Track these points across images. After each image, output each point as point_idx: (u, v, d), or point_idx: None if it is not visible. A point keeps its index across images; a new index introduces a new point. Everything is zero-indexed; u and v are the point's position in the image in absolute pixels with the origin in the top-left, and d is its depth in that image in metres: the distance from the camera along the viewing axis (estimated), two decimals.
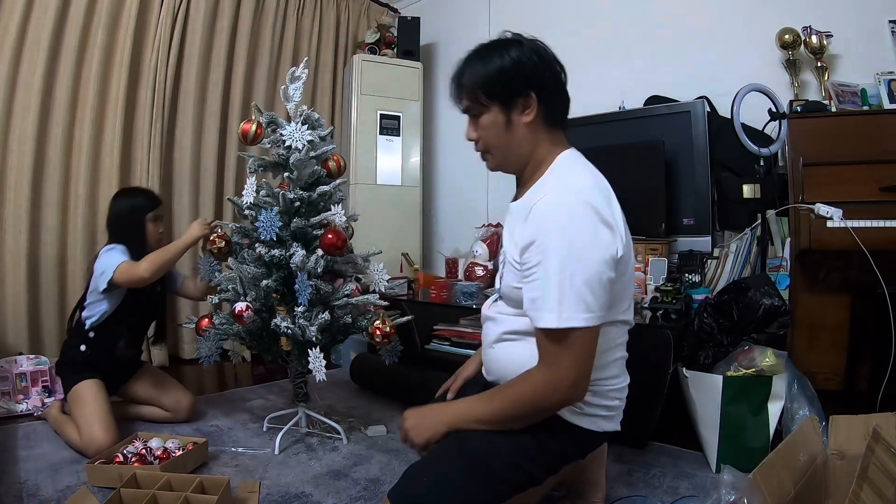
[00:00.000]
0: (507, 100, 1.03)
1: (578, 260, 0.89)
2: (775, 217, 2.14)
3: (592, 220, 0.92)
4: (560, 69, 1.07)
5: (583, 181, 1.00)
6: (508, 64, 1.01)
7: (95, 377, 1.77)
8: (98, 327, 1.81)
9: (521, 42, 1.04)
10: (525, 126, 1.04)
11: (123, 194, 1.98)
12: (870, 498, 0.86)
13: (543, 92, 1.03)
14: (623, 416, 1.10)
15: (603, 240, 0.92)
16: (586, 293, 0.88)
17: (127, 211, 1.88)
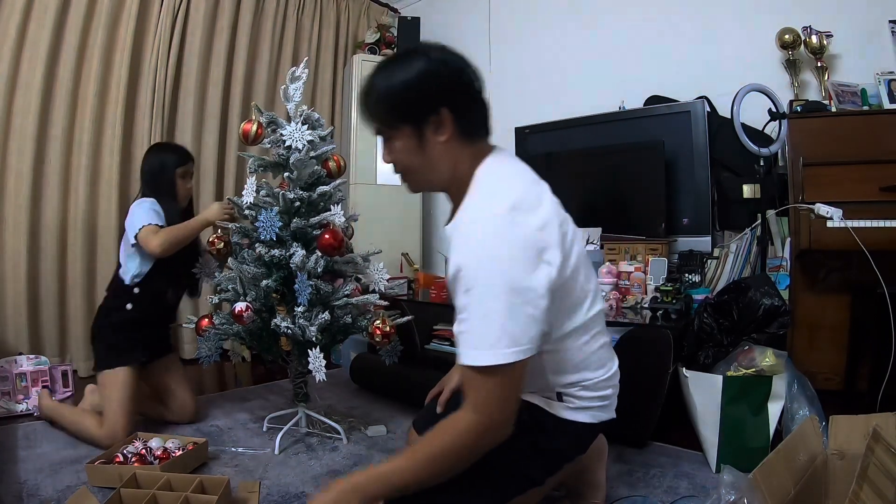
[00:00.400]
0: (417, 119, 0.93)
1: (503, 291, 0.81)
2: (775, 217, 2.14)
3: (517, 244, 0.83)
4: (473, 76, 0.96)
5: (506, 195, 0.89)
6: (413, 80, 0.92)
7: (135, 356, 1.78)
8: (142, 282, 1.82)
9: (427, 53, 0.94)
10: (441, 145, 0.94)
11: (155, 149, 2.00)
12: (870, 498, 0.86)
13: (456, 105, 0.93)
14: (623, 415, 1.10)
15: (529, 263, 0.83)
16: (512, 326, 0.81)
17: (158, 166, 1.89)
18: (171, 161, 1.90)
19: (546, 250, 0.85)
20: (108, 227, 2.60)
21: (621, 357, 1.76)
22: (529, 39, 3.21)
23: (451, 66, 0.94)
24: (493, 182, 0.93)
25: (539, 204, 0.91)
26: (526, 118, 2.94)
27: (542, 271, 0.84)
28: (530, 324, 0.83)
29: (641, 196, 2.43)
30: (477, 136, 0.98)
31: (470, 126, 0.96)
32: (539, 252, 0.84)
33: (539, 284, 0.83)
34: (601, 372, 1.03)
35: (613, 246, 2.39)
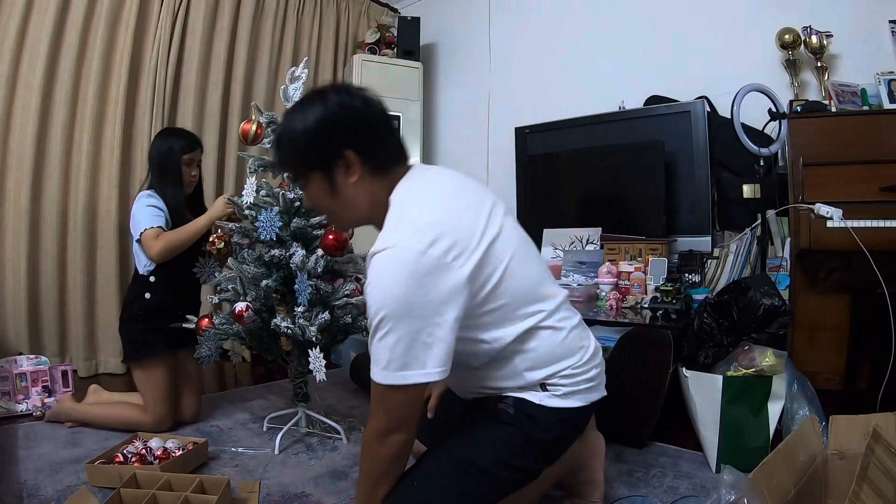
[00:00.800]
0: (324, 165, 0.96)
1: (397, 322, 0.84)
2: (775, 217, 2.14)
3: (414, 276, 0.84)
4: (375, 111, 0.98)
5: (409, 224, 0.90)
6: (314, 127, 0.94)
7: (158, 348, 1.80)
8: (156, 270, 1.83)
9: (325, 98, 0.96)
10: (353, 185, 0.96)
11: (164, 134, 1.98)
12: (870, 498, 0.87)
13: (360, 146, 0.95)
14: (623, 415, 1.10)
15: (427, 292, 0.85)
16: (402, 353, 0.85)
17: (165, 151, 1.88)
18: (178, 147, 1.88)
19: (450, 275, 0.86)
20: (108, 226, 2.60)
21: (621, 357, 1.76)
22: (529, 39, 3.21)
23: (349, 107, 0.95)
24: (400, 211, 0.94)
25: (444, 223, 0.90)
26: (526, 118, 2.94)
27: (442, 298, 0.86)
28: (424, 350, 0.86)
29: (641, 196, 2.43)
30: (389, 168, 0.98)
31: (379, 161, 0.97)
32: (440, 280, 0.85)
33: (438, 311, 0.86)
34: (577, 357, 1.03)
35: (613, 246, 2.40)
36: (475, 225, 0.93)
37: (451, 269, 0.86)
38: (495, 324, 0.95)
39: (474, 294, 0.90)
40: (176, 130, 2.02)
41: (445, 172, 1.07)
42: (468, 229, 0.92)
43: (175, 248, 1.79)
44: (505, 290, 0.94)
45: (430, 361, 0.86)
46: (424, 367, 0.86)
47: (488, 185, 3.29)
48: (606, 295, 2.11)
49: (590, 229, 2.50)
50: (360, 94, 0.98)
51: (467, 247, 0.89)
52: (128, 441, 1.60)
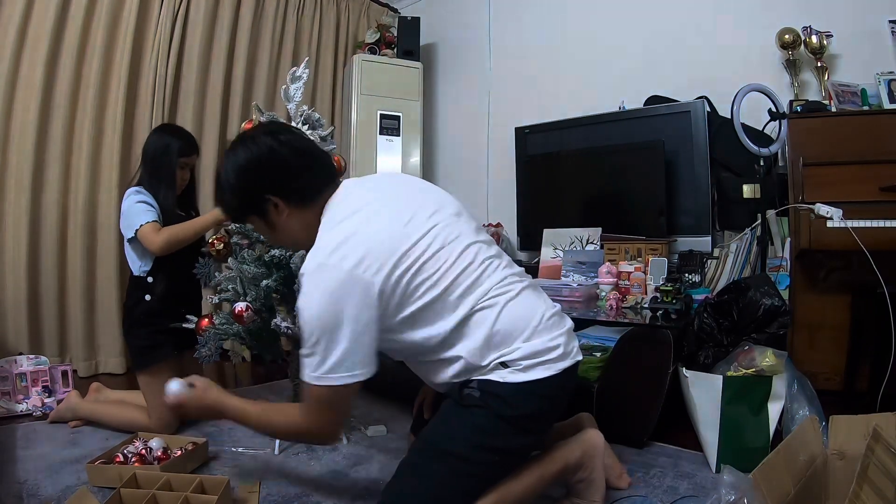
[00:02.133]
0: (254, 211, 1.09)
1: (320, 334, 0.96)
2: (775, 217, 2.14)
3: (328, 293, 0.96)
4: (289, 149, 1.08)
5: (325, 248, 1.00)
6: (234, 181, 1.07)
7: (165, 352, 1.79)
8: (153, 270, 1.81)
9: (239, 148, 1.08)
10: (285, 220, 1.09)
11: (162, 130, 1.92)
12: (870, 498, 0.87)
13: (281, 189, 1.06)
14: (623, 415, 1.10)
15: (340, 306, 0.95)
16: (329, 359, 0.96)
17: (161, 150, 1.83)
18: (176, 147, 1.84)
19: (362, 284, 0.96)
20: (108, 226, 2.60)
21: (621, 357, 1.76)
22: (529, 39, 3.21)
23: (260, 157, 1.05)
24: (323, 234, 1.04)
25: (356, 236, 1.00)
26: (526, 118, 2.94)
27: (357, 308, 0.96)
28: (345, 356, 0.96)
29: (641, 196, 2.43)
30: (314, 198, 1.09)
31: (302, 196, 1.08)
32: (353, 292, 0.96)
33: (356, 320, 0.96)
34: (529, 330, 1.05)
35: (613, 246, 2.40)
36: (394, 235, 1.01)
37: (362, 280, 0.96)
38: (427, 321, 1.02)
39: (392, 297, 0.99)
40: (174, 129, 1.96)
41: (376, 186, 1.16)
42: (385, 241, 1.00)
43: (178, 242, 1.76)
44: (430, 287, 1.01)
45: (354, 365, 0.98)
46: (351, 370, 0.98)
47: (489, 185, 3.32)
48: (606, 295, 2.11)
49: (590, 229, 2.50)
50: (268, 137, 1.07)
51: (385, 258, 0.98)
52: (128, 441, 1.60)
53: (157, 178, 1.83)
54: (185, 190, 1.94)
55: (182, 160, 1.86)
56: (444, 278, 1.02)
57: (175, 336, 1.81)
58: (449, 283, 1.02)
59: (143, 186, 1.83)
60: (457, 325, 1.02)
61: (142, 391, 1.81)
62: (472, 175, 3.40)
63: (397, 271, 0.99)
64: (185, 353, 1.85)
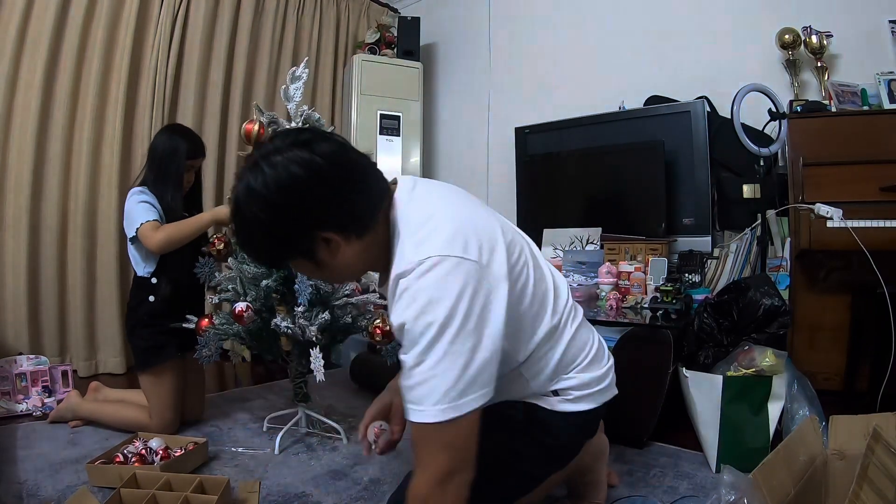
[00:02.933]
0: (298, 252, 0.83)
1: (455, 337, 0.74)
2: (775, 217, 2.14)
3: (463, 279, 0.76)
4: (336, 162, 0.81)
5: (432, 230, 0.80)
6: (264, 216, 0.78)
7: (168, 352, 1.79)
8: (157, 271, 1.81)
9: (260, 169, 0.78)
10: (340, 256, 0.83)
11: (171, 131, 1.90)
12: (870, 498, 0.86)
13: (335, 221, 0.80)
14: (623, 415, 1.10)
15: (477, 305, 0.76)
16: (462, 376, 0.75)
17: (169, 151, 1.82)
18: (184, 150, 1.83)
19: (490, 277, 0.79)
20: (108, 226, 2.60)
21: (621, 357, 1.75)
22: (529, 39, 3.21)
23: (299, 181, 0.77)
24: (414, 230, 0.82)
25: (465, 227, 0.82)
26: (526, 118, 2.94)
27: (489, 305, 0.78)
28: (482, 369, 0.76)
29: (641, 196, 2.42)
30: (375, 216, 0.84)
31: (361, 221, 0.82)
32: (483, 284, 0.77)
33: (487, 321, 0.77)
34: (586, 360, 0.99)
35: (613, 246, 2.39)
36: (488, 221, 0.87)
37: (489, 271, 0.79)
38: (518, 333, 0.88)
39: (513, 290, 0.83)
40: (184, 130, 1.94)
41: (433, 183, 0.97)
42: (486, 227, 0.85)
43: (176, 240, 1.75)
44: (528, 306, 0.88)
45: (489, 379, 0.77)
46: (484, 387, 0.77)
47: (489, 185, 3.32)
48: (606, 295, 2.11)
49: (590, 229, 2.50)
50: (305, 151, 0.79)
51: (494, 244, 0.83)
52: (128, 441, 1.60)
53: (164, 179, 1.82)
54: (189, 191, 1.94)
55: (189, 163, 1.86)
56: (540, 292, 0.90)
57: (178, 337, 1.80)
58: (540, 299, 0.91)
59: (148, 186, 1.82)
60: (541, 342, 0.91)
61: (144, 391, 1.81)
62: (472, 175, 3.40)
63: (522, 276, 0.86)
64: (188, 353, 1.84)
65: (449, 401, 0.73)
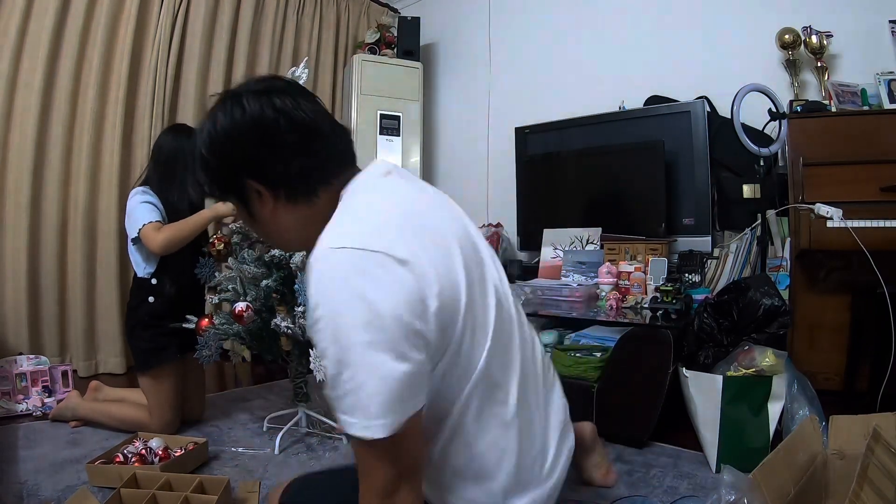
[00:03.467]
0: (230, 192, 0.79)
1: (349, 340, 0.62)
2: (775, 217, 2.14)
3: (365, 265, 0.63)
4: (289, 118, 0.74)
5: (357, 218, 0.71)
6: (205, 151, 0.76)
7: (168, 354, 1.79)
8: (157, 272, 1.81)
9: (216, 109, 0.76)
10: (271, 214, 0.77)
11: (176, 131, 1.89)
12: (870, 498, 0.87)
13: (265, 175, 0.74)
14: (623, 415, 1.08)
15: (390, 280, 0.63)
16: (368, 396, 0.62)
17: (174, 153, 1.82)
18: (189, 150, 1.83)
19: (417, 273, 0.65)
20: (108, 227, 2.60)
21: (621, 357, 1.75)
22: (529, 39, 3.21)
23: (240, 125, 0.74)
24: (348, 211, 0.73)
25: (422, 218, 0.73)
26: (526, 118, 2.94)
27: (411, 294, 0.64)
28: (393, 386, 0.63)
29: (641, 196, 2.43)
30: (314, 192, 0.76)
31: (293, 188, 0.75)
32: (409, 272, 0.64)
33: (411, 302, 0.64)
34: (545, 470, 0.78)
35: (613, 246, 2.40)
36: (447, 233, 0.74)
37: (418, 277, 0.65)
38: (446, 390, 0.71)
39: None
40: (189, 131, 1.92)
41: (413, 180, 0.84)
42: (443, 233, 0.73)
43: (178, 241, 1.75)
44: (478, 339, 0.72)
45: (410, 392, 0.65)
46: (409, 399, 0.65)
47: (489, 185, 3.32)
48: (606, 295, 2.11)
49: (590, 229, 2.50)
50: (262, 99, 0.74)
51: (436, 268, 0.67)
52: (128, 441, 1.60)
53: (170, 179, 1.82)
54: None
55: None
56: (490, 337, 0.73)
57: (178, 338, 1.80)
58: (493, 347, 0.73)
59: (150, 186, 1.82)
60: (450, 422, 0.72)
61: (143, 392, 1.81)
62: (472, 175, 3.40)
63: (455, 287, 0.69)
64: (188, 354, 1.84)
65: (370, 416, 0.62)
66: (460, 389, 0.71)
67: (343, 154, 0.80)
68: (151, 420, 1.75)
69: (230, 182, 0.77)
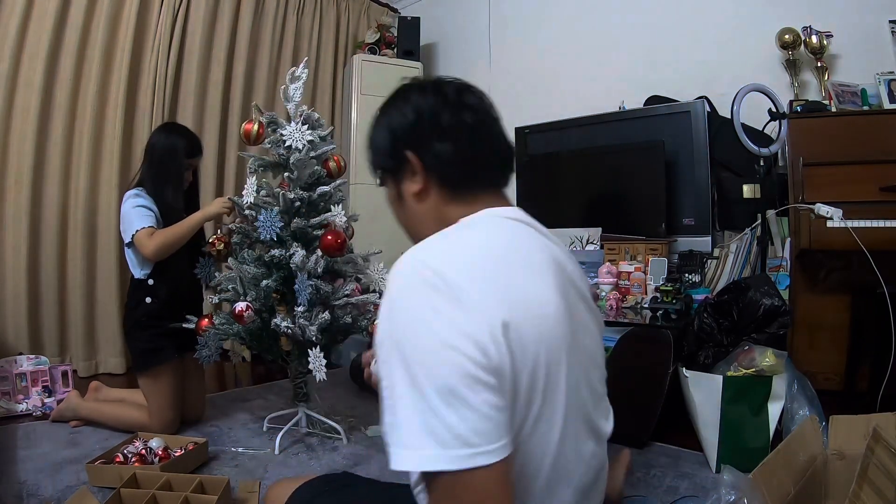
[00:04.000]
0: (390, 168, 0.78)
1: (415, 360, 0.54)
2: (775, 217, 2.14)
3: (428, 291, 0.56)
4: (444, 105, 0.74)
5: (446, 244, 0.65)
6: (386, 121, 0.78)
7: (166, 355, 1.79)
8: (153, 273, 1.81)
9: (407, 89, 0.78)
10: (414, 198, 0.75)
11: (168, 130, 1.90)
12: (870, 498, 0.87)
13: (427, 149, 0.73)
14: (623, 415, 1.08)
15: (445, 320, 0.54)
16: (432, 413, 0.52)
17: (168, 150, 1.82)
18: (183, 148, 1.83)
19: (474, 316, 0.55)
20: (107, 227, 2.60)
21: (621, 357, 1.75)
22: (529, 39, 3.21)
23: (425, 102, 0.75)
24: (454, 233, 0.69)
25: (510, 264, 0.63)
26: (526, 118, 2.94)
27: (465, 338, 0.54)
28: (459, 407, 0.52)
29: (642, 196, 2.43)
30: (467, 188, 0.74)
31: (454, 174, 0.73)
32: (464, 313, 0.55)
33: (466, 346, 0.54)
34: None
35: (613, 246, 2.40)
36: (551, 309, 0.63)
37: (476, 320, 0.56)
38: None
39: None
40: (181, 129, 1.94)
41: (535, 236, 0.74)
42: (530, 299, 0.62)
43: (170, 246, 1.75)
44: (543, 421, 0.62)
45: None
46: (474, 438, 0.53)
47: None
48: (606, 295, 2.11)
49: (590, 229, 2.50)
50: (452, 87, 0.76)
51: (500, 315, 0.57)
52: (128, 441, 1.60)
53: (164, 178, 1.82)
54: (187, 190, 1.94)
55: (188, 161, 1.85)
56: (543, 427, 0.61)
57: (176, 338, 1.80)
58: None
59: (145, 187, 1.81)
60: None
61: (142, 392, 1.81)
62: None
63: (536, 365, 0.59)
64: (187, 354, 1.84)
65: (409, 447, 0.53)
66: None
67: (499, 172, 0.78)
68: (151, 420, 1.75)
69: (393, 152, 0.76)
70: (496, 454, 0.52)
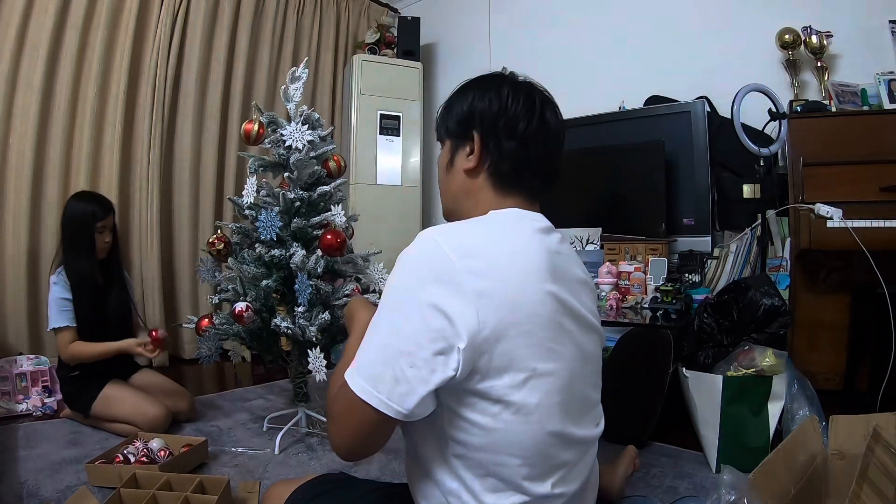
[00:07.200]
0: (454, 136, 0.85)
1: (391, 312, 0.68)
2: (775, 217, 2.14)
3: (422, 265, 0.67)
4: (527, 113, 0.80)
5: (464, 227, 0.74)
6: (471, 97, 0.84)
7: (96, 385, 1.83)
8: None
9: (502, 81, 0.84)
10: (465, 173, 0.82)
11: (77, 198, 1.95)
12: (870, 498, 0.87)
13: (491, 134, 0.80)
14: (623, 415, 1.08)
15: (425, 296, 0.65)
16: (379, 362, 0.66)
17: (78, 221, 1.87)
18: (91, 216, 1.86)
19: (459, 299, 0.64)
20: None
21: (621, 357, 1.76)
22: (529, 39, 3.21)
23: (505, 94, 0.81)
24: (478, 221, 0.77)
25: (511, 257, 0.70)
26: None
27: (437, 318, 0.64)
28: (406, 370, 0.65)
29: (641, 196, 2.43)
30: (513, 184, 0.81)
31: (503, 165, 0.80)
32: (450, 293, 0.65)
33: (432, 327, 0.64)
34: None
35: (613, 246, 2.40)
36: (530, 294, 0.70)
37: (460, 304, 0.65)
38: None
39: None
40: (89, 196, 1.98)
41: (535, 237, 0.76)
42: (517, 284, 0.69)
43: (84, 359, 1.83)
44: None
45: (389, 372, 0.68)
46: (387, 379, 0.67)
47: None
48: (606, 295, 2.11)
49: (590, 229, 2.50)
50: (528, 89, 0.83)
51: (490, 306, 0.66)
52: (128, 441, 1.60)
53: (76, 248, 1.87)
54: (109, 252, 1.96)
55: (100, 224, 1.88)
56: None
57: (105, 375, 1.87)
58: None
59: (64, 266, 1.86)
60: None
61: (110, 415, 1.82)
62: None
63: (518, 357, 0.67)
64: (133, 377, 1.98)
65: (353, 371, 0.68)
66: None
67: (542, 184, 0.84)
68: (139, 423, 1.76)
69: (462, 125, 0.83)
70: (399, 415, 0.65)
